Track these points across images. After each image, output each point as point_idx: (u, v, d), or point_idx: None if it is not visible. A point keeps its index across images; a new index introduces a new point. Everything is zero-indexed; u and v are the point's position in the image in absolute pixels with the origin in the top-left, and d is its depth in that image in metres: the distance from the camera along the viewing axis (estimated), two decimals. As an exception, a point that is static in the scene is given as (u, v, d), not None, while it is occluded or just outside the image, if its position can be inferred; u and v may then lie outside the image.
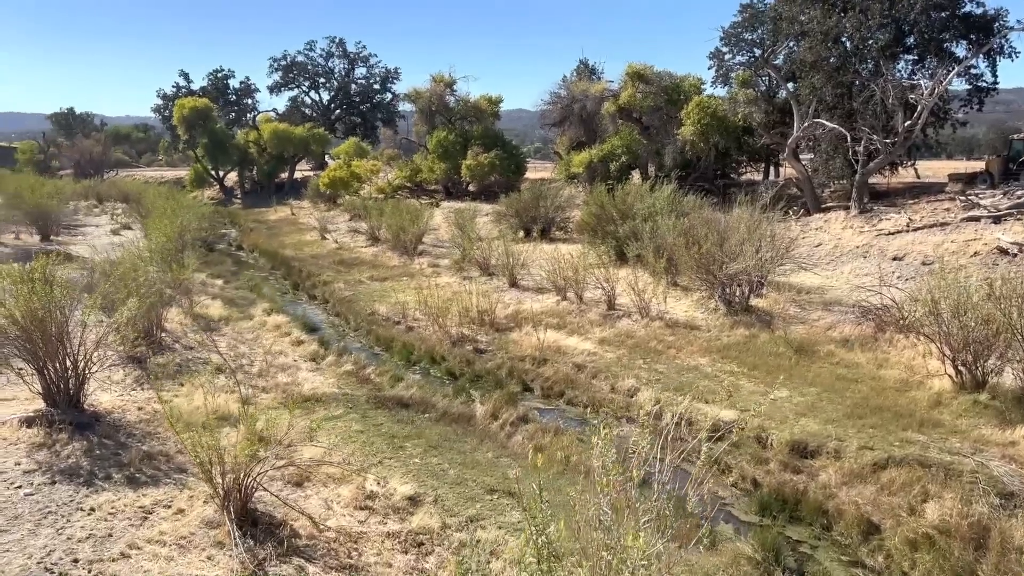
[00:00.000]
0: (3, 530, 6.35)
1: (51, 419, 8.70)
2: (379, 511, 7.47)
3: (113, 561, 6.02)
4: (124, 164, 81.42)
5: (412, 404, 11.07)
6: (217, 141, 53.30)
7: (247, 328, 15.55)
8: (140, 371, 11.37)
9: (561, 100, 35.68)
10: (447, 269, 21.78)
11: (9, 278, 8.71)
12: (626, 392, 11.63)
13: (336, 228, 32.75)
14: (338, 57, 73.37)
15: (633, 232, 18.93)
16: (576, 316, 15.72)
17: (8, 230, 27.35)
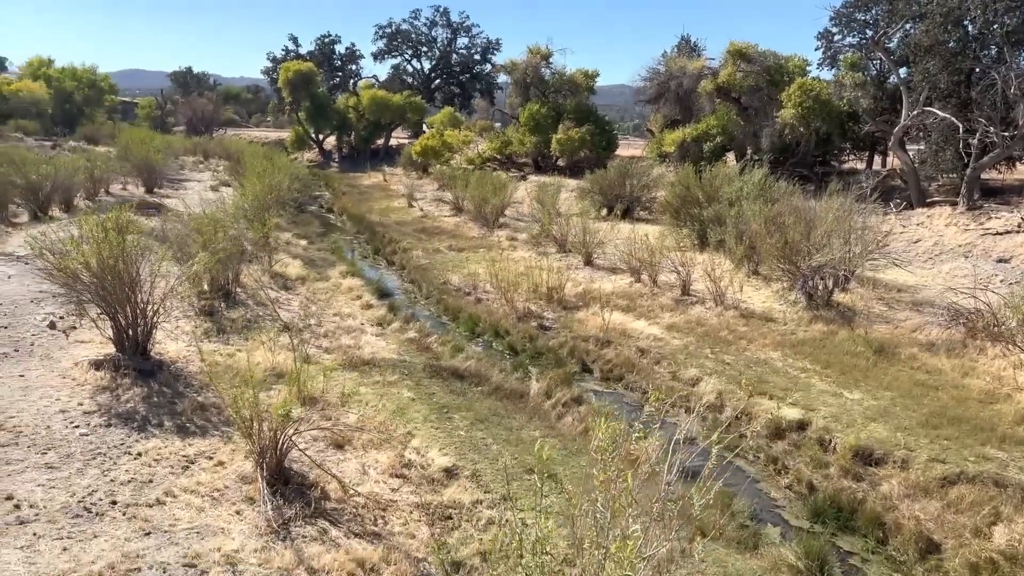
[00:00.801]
0: (54, 467, 6.64)
1: (117, 364, 9.06)
2: (413, 480, 7.45)
3: (148, 507, 6.20)
4: (234, 123, 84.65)
5: (467, 376, 11.03)
6: (318, 105, 54.65)
7: (322, 289, 15.87)
8: (211, 324, 11.73)
9: (658, 76, 34.73)
10: (524, 243, 21.64)
11: (86, 226, 9.06)
12: (688, 381, 11.24)
13: (423, 196, 33.08)
14: (441, 26, 73.82)
15: (717, 216, 18.29)
16: (648, 299, 15.30)
17: (117, 181, 28.76)
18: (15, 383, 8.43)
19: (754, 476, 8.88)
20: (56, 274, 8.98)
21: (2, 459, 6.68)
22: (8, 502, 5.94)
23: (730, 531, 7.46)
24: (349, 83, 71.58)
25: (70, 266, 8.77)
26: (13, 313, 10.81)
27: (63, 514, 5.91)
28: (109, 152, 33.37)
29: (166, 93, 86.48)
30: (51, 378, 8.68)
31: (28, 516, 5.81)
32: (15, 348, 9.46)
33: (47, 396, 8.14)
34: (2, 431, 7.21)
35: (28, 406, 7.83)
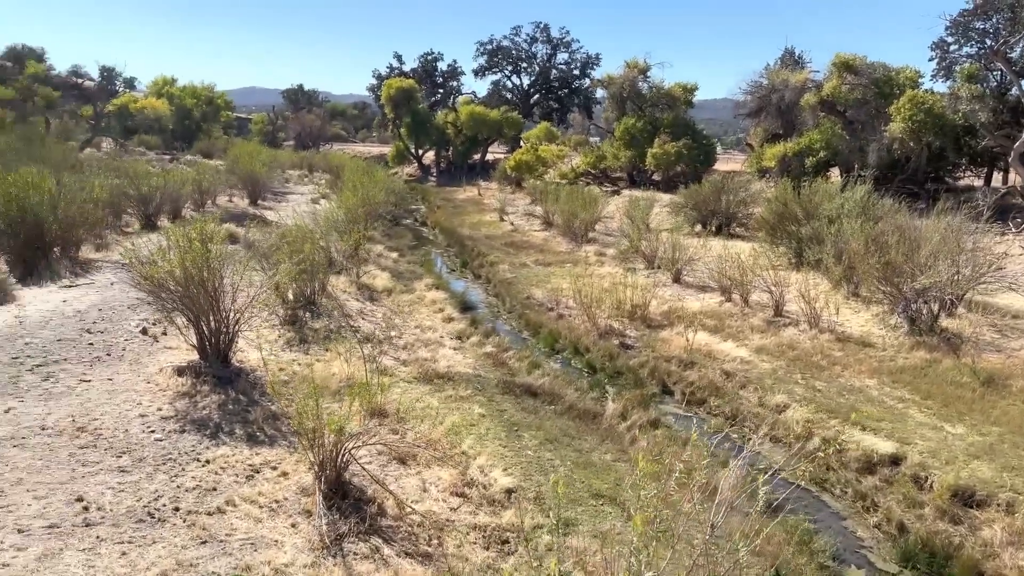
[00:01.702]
0: (126, 470, 6.84)
1: (198, 371, 9.34)
2: (474, 500, 7.28)
3: (208, 515, 6.27)
4: (340, 139, 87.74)
5: (541, 393, 10.80)
6: (419, 121, 55.88)
7: (406, 301, 16.01)
8: (293, 333, 11.97)
9: (759, 90, 33.68)
10: (612, 259, 21.26)
11: (172, 236, 9.40)
12: (774, 408, 10.63)
13: (515, 210, 33.15)
14: (542, 42, 74.11)
15: (815, 234, 17.43)
16: (737, 320, 14.68)
17: (224, 193, 30.14)
18: (103, 386, 8.79)
19: (840, 512, 8.27)
20: (143, 283, 9.34)
21: (80, 460, 6.93)
22: (78, 503, 6.13)
23: (810, 571, 6.95)
24: (449, 99, 72.89)
25: (156, 275, 9.10)
26: (111, 319, 11.35)
27: (127, 518, 6.04)
28: (219, 166, 35.08)
29: (278, 109, 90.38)
30: (136, 382, 9.01)
31: (95, 519, 5.97)
32: (108, 352, 9.90)
33: (130, 400, 8.44)
34: (84, 433, 7.50)
35: (111, 409, 8.13)
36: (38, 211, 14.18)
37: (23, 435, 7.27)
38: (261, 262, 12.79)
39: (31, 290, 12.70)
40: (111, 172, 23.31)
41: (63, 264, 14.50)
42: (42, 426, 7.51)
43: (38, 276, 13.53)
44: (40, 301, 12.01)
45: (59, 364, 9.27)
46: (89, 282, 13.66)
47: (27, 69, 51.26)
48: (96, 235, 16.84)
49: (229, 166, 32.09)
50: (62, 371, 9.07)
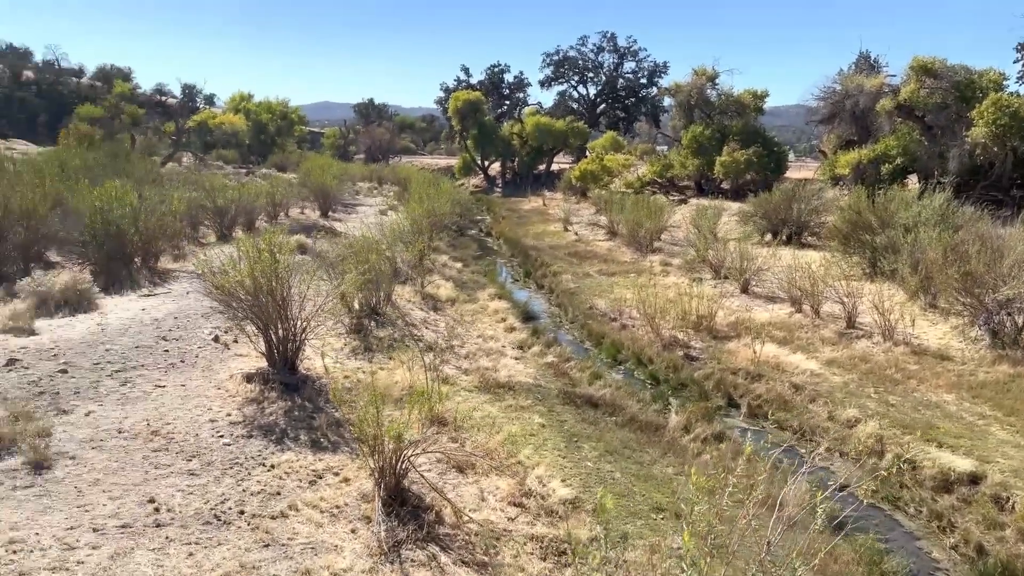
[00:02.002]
0: (195, 474, 7.07)
1: (267, 378, 9.60)
2: (532, 510, 7.27)
3: (272, 519, 6.43)
4: (409, 151, 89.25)
5: (602, 404, 10.72)
6: (485, 132, 56.42)
7: (469, 311, 16.14)
8: (359, 341, 12.20)
9: (833, 95, 32.76)
10: (678, 269, 20.97)
11: (242, 247, 9.71)
12: (845, 422, 10.30)
13: (579, 220, 33.07)
14: (608, 51, 74.15)
15: (890, 243, 16.84)
16: (807, 331, 14.28)
17: (296, 205, 30.99)
18: (177, 392, 9.12)
19: (914, 532, 7.94)
20: (215, 292, 9.67)
21: (153, 463, 7.19)
22: (150, 504, 6.37)
23: None
24: (515, 110, 73.37)
25: (227, 285, 9.41)
26: (185, 326, 11.78)
27: (195, 520, 6.24)
28: (292, 179, 36.10)
29: (349, 123, 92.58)
30: (208, 388, 9.32)
31: (164, 519, 6.19)
32: (182, 359, 10.27)
33: (201, 405, 8.73)
34: (158, 436, 7.79)
35: (184, 414, 8.43)
36: (121, 223, 14.85)
37: (101, 437, 7.60)
38: (328, 272, 13.07)
39: (112, 299, 13.30)
40: (190, 186, 24.27)
41: (143, 274, 15.15)
42: (119, 429, 7.84)
43: (119, 285, 14.15)
44: (121, 309, 12.56)
45: (136, 370, 9.66)
46: (166, 291, 14.22)
47: (115, 88, 53.93)
48: (174, 246, 17.53)
49: (301, 179, 32.99)
50: (139, 376, 9.45)
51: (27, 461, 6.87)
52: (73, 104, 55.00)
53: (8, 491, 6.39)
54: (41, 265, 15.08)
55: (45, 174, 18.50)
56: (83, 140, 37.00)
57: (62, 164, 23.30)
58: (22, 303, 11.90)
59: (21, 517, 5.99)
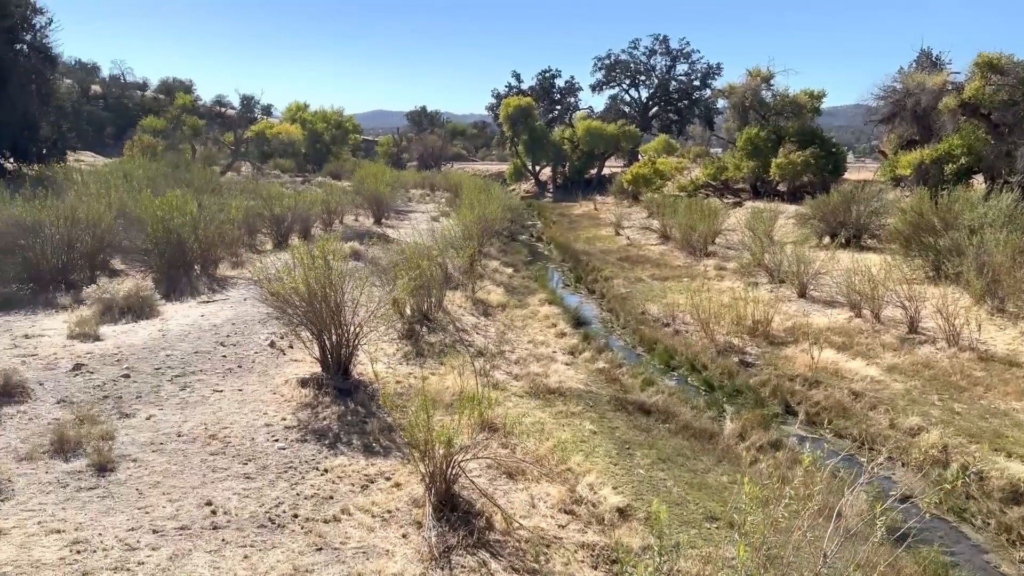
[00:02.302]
0: (251, 477, 7.20)
1: (321, 383, 9.74)
2: (583, 518, 7.20)
3: (325, 522, 6.50)
4: (461, 158, 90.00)
5: (654, 411, 10.57)
6: (535, 137, 56.51)
7: (519, 316, 16.13)
8: (410, 347, 12.29)
9: (893, 94, 31.86)
10: (733, 273, 20.62)
11: (298, 255, 9.88)
12: (908, 430, 9.96)
13: (631, 224, 32.83)
14: (660, 54, 73.42)
15: (955, 246, 16.26)
16: (867, 337, 13.88)
17: (351, 212, 31.46)
18: (234, 396, 9.31)
19: (981, 545, 7.62)
20: (271, 298, 9.86)
21: (211, 466, 7.35)
22: (207, 507, 6.50)
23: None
24: (567, 115, 73.26)
25: (282, 291, 9.58)
26: (243, 332, 12.04)
27: (250, 523, 6.35)
28: (347, 187, 36.67)
29: (402, 131, 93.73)
30: (264, 393, 9.49)
31: (221, 522, 6.30)
32: (239, 364, 10.49)
33: (257, 410, 8.90)
34: (216, 440, 7.96)
35: (240, 418, 8.60)
36: (181, 232, 15.28)
37: (161, 441, 7.80)
38: (381, 278, 13.21)
39: (173, 305, 13.67)
40: (248, 194, 24.86)
41: (202, 281, 15.55)
42: (178, 433, 8.03)
43: (180, 292, 14.55)
44: (181, 316, 12.90)
45: (195, 375, 9.90)
46: (224, 298, 14.56)
47: (177, 100, 55.57)
48: (232, 253, 17.95)
49: (356, 187, 33.49)
50: (198, 381, 9.68)
51: (91, 463, 7.08)
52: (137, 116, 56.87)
53: (73, 492, 6.61)
54: (106, 273, 15.59)
55: (111, 185, 19.15)
56: (146, 151, 38.24)
57: (126, 175, 24.11)
58: (88, 309, 12.32)
59: (85, 518, 6.18)
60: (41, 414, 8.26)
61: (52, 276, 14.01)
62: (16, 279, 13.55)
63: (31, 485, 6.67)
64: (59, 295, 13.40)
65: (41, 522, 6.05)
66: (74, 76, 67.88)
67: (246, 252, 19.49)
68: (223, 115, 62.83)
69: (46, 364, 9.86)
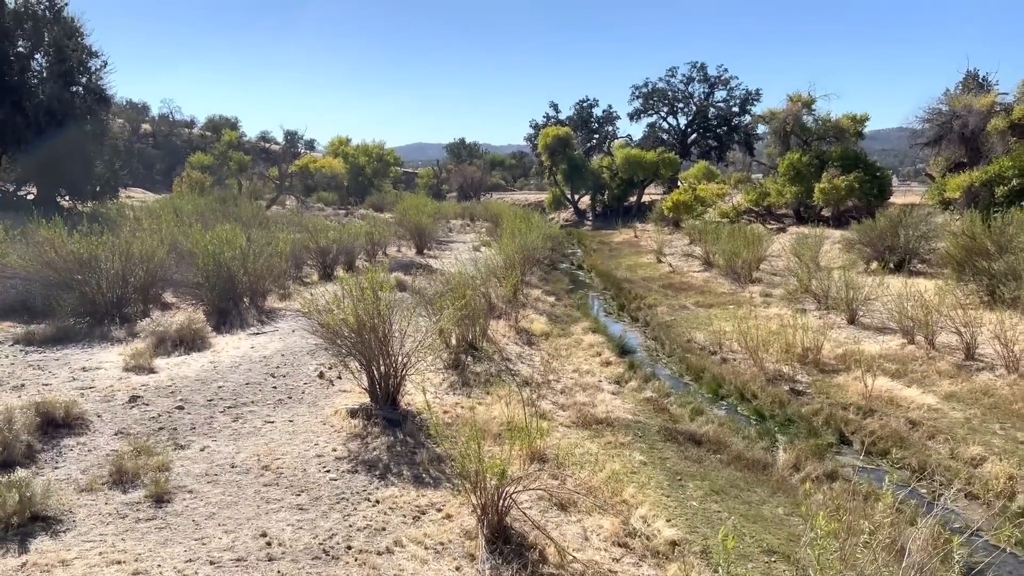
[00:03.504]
0: (304, 508, 7.23)
1: (369, 413, 9.78)
2: (637, 551, 7.08)
3: (378, 554, 6.49)
4: (500, 188, 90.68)
5: (705, 441, 10.40)
6: (574, 166, 56.78)
7: (563, 345, 16.07)
8: (456, 376, 12.31)
9: (939, 116, 31.39)
10: (779, 299, 20.31)
11: (346, 286, 10.00)
12: (969, 461, 9.64)
13: (672, 251, 32.62)
14: (698, 81, 73.47)
15: (1011, 269, 15.82)
16: (922, 364, 13.53)
17: (393, 244, 31.83)
18: (285, 427, 9.40)
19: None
20: (320, 330, 9.97)
21: (265, 497, 7.41)
22: (262, 539, 6.54)
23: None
24: (605, 144, 73.49)
25: (331, 323, 9.69)
26: (292, 363, 12.18)
27: (304, 554, 6.37)
28: (389, 218, 37.16)
29: (441, 163, 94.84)
30: (314, 424, 9.57)
31: (276, 553, 6.33)
32: (289, 395, 10.61)
33: (308, 441, 8.96)
34: (268, 471, 8.03)
35: (291, 449, 8.67)
36: (231, 265, 15.58)
37: (215, 472, 7.89)
38: (426, 308, 13.29)
39: (224, 337, 13.91)
40: (293, 227, 25.31)
41: (251, 313, 15.80)
42: (232, 464, 8.12)
43: (230, 324, 14.80)
44: (231, 347, 13.12)
45: (247, 406, 10.03)
46: (273, 329, 14.78)
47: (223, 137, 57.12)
48: (280, 285, 18.24)
49: (398, 218, 33.93)
50: (249, 412, 9.80)
51: (148, 494, 7.19)
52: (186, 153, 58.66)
53: (132, 523, 6.70)
54: (159, 306, 15.96)
55: (162, 220, 19.68)
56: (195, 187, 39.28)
57: (176, 210, 24.77)
58: (142, 342, 12.60)
59: (144, 549, 6.26)
60: (100, 445, 8.43)
61: (107, 310, 14.36)
62: (73, 313, 13.92)
63: (91, 516, 6.79)
64: (114, 328, 13.73)
65: (102, 553, 6.14)
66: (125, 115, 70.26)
67: (293, 284, 19.80)
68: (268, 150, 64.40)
69: (103, 396, 10.08)
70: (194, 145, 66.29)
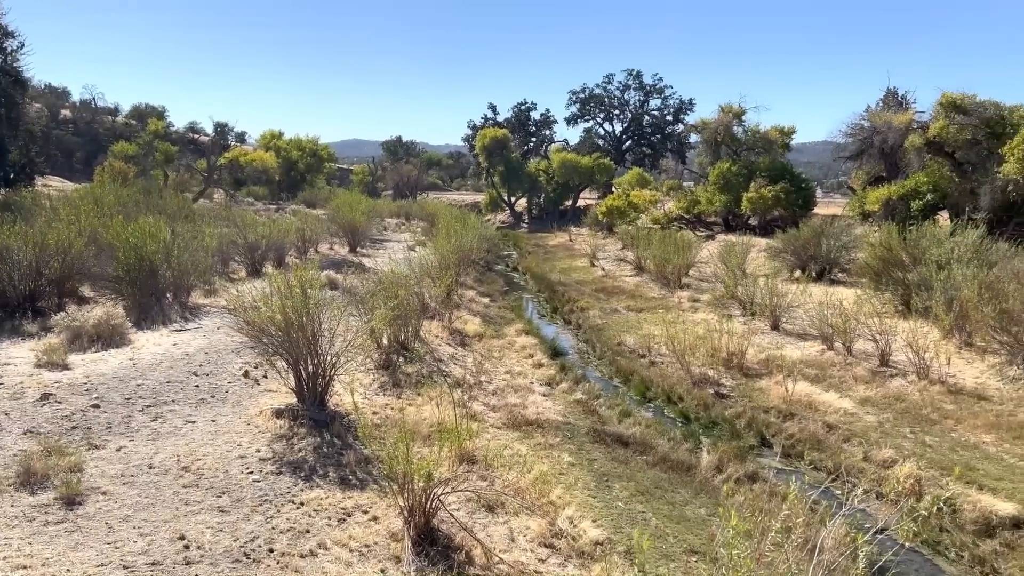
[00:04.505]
0: (225, 510, 7.04)
1: (296, 413, 9.60)
2: (563, 551, 7.13)
3: (301, 557, 6.37)
4: (436, 187, 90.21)
5: (632, 443, 10.56)
6: (511, 169, 56.93)
7: (496, 346, 16.09)
8: (387, 377, 12.19)
9: (860, 132, 32.68)
10: (706, 305, 20.79)
11: (275, 283, 9.79)
12: (881, 463, 10.05)
13: (606, 256, 33.05)
14: (634, 89, 74.66)
15: (923, 280, 16.57)
16: (839, 369, 14.04)
17: (326, 241, 31.31)
18: (208, 427, 9.15)
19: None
20: (246, 328, 9.74)
21: (184, 499, 7.19)
22: (180, 542, 6.34)
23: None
24: (542, 147, 74.00)
25: (258, 320, 9.47)
26: (216, 361, 11.86)
27: (224, 557, 6.20)
28: (322, 215, 36.54)
29: (377, 160, 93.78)
30: (238, 424, 9.33)
31: (194, 557, 6.15)
32: (212, 395, 10.32)
33: (231, 441, 8.74)
34: (189, 473, 7.80)
35: (214, 450, 8.44)
36: (154, 259, 15.07)
37: (132, 473, 7.62)
38: (358, 307, 13.13)
39: (145, 334, 13.44)
40: (221, 222, 24.66)
41: (174, 309, 15.32)
42: (150, 465, 7.86)
43: (151, 321, 14.32)
44: (152, 344, 12.69)
45: (167, 405, 9.72)
46: (198, 326, 14.36)
47: (149, 126, 55.22)
48: (206, 281, 17.73)
49: (331, 215, 33.40)
50: (170, 412, 9.50)
51: (59, 496, 6.89)
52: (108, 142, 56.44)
53: (40, 526, 6.41)
54: (75, 300, 15.32)
55: (81, 210, 18.89)
56: (117, 177, 37.81)
57: (97, 201, 23.78)
58: (56, 338, 12.07)
59: (52, 553, 5.99)
60: (7, 445, 8.04)
61: (19, 303, 13.73)
62: (-18, 305, 13.26)
63: (-4, 519, 6.47)
64: (26, 323, 13.11)
65: (6, 557, 5.86)
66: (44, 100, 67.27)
67: (219, 280, 19.27)
68: (196, 142, 62.56)
69: (12, 394, 9.61)
70: (118, 134, 63.86)
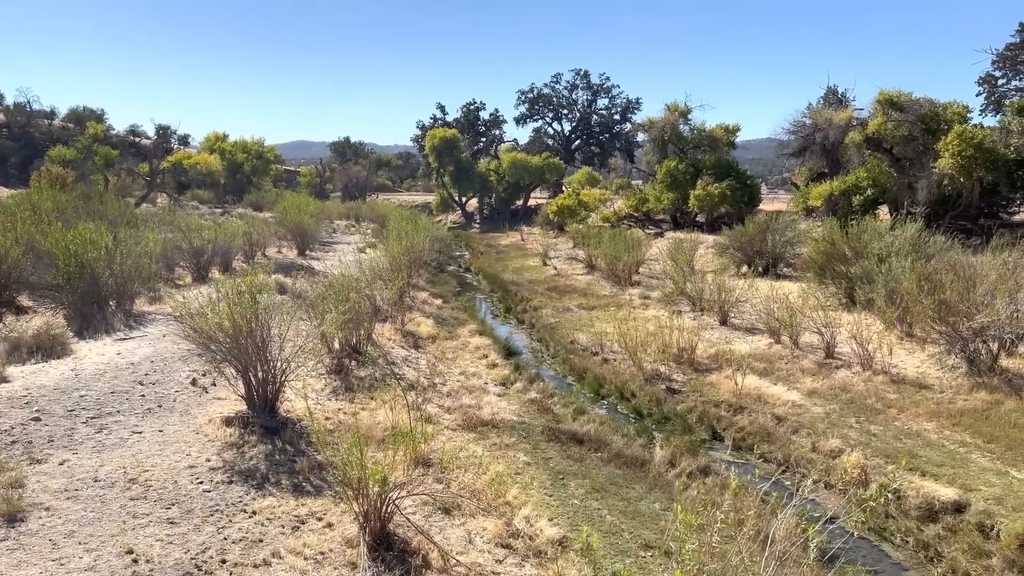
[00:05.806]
0: (174, 522, 6.89)
1: (246, 421, 9.44)
2: (520, 551, 7.16)
3: (255, 567, 6.27)
4: (386, 188, 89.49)
5: (586, 440, 10.65)
6: (461, 169, 56.86)
7: (450, 347, 16.06)
8: (339, 382, 12.06)
9: (803, 129, 33.46)
10: (657, 301, 21.07)
11: (222, 288, 9.61)
12: (828, 453, 10.32)
13: (558, 255, 33.24)
14: (582, 89, 75.23)
15: (865, 273, 17.05)
16: (787, 362, 14.36)
17: (273, 244, 30.81)
18: (155, 438, 8.93)
19: (902, 563, 7.93)
20: (194, 335, 9.53)
21: (131, 512, 7.01)
22: (128, 556, 6.19)
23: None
24: (492, 147, 74.00)
25: (206, 327, 9.28)
26: (163, 370, 11.58)
27: (175, 570, 6.07)
28: (269, 218, 35.94)
29: (325, 161, 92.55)
30: (186, 433, 9.13)
31: (143, 571, 6.01)
32: (159, 404, 10.08)
33: (180, 451, 8.55)
34: (136, 484, 7.60)
35: (161, 460, 8.24)
36: (95, 266, 14.65)
37: (77, 487, 7.40)
38: (308, 312, 12.96)
39: (87, 343, 13.06)
40: (165, 226, 24.05)
41: (118, 317, 14.91)
42: (95, 478, 7.65)
43: (94, 329, 13.91)
44: (95, 354, 12.33)
45: (112, 416, 9.46)
46: (142, 335, 14.00)
47: (87, 130, 53.62)
48: (150, 288, 17.30)
49: (278, 218, 32.88)
50: (115, 423, 9.25)
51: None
52: (45, 146, 54.64)
53: (-21, 546, 6.19)
54: (12, 310, 14.80)
55: (16, 217, 18.25)
56: (55, 182, 36.59)
57: (34, 207, 22.98)
58: (-7, 349, 11.64)
59: (-7, 573, 5.79)
60: (-58, 463, 7.73)
61: (-48, 314, 13.20)
62: (-88, 318, 12.71)
63: (-69, 540, 6.22)
64: (-40, 334, 12.62)
65: (-57, 580, 5.65)
66: (-25, 103, 64.79)
67: (164, 287, 18.82)
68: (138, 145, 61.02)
69: (-53, 409, 9.25)
70: (55, 137, 61.86)
